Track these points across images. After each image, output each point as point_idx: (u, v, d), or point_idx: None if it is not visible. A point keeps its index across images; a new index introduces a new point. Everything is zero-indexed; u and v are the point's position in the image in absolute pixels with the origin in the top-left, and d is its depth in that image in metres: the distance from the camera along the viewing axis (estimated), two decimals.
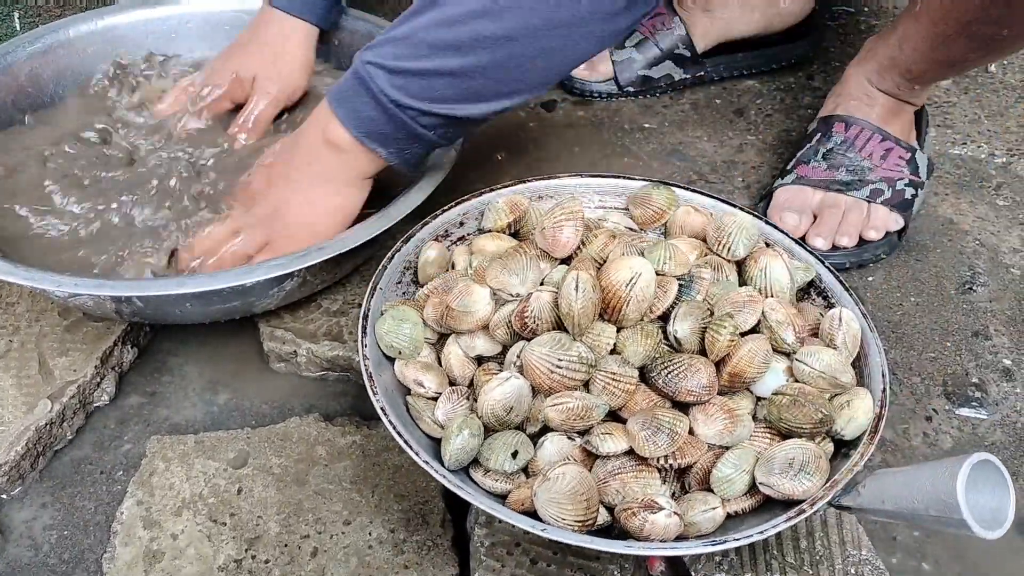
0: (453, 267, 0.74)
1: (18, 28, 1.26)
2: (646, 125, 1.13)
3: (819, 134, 0.97)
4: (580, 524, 0.58)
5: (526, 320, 0.64)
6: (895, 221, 0.93)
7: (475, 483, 0.63)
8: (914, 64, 0.90)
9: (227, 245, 0.79)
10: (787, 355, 0.66)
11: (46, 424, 0.74)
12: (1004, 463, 0.77)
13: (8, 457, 0.72)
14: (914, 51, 0.89)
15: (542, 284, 0.68)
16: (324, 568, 0.67)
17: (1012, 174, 1.07)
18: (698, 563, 0.66)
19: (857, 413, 0.63)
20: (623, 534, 0.60)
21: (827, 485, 0.59)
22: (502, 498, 0.62)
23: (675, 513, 0.57)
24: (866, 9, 1.33)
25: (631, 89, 1.16)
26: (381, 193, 0.81)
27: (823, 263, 0.74)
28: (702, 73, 1.18)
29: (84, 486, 0.74)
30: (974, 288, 0.93)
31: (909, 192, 0.93)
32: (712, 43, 1.16)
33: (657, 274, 0.66)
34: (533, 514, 0.59)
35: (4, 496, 0.73)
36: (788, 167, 0.98)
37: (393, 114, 0.71)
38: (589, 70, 1.16)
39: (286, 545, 0.69)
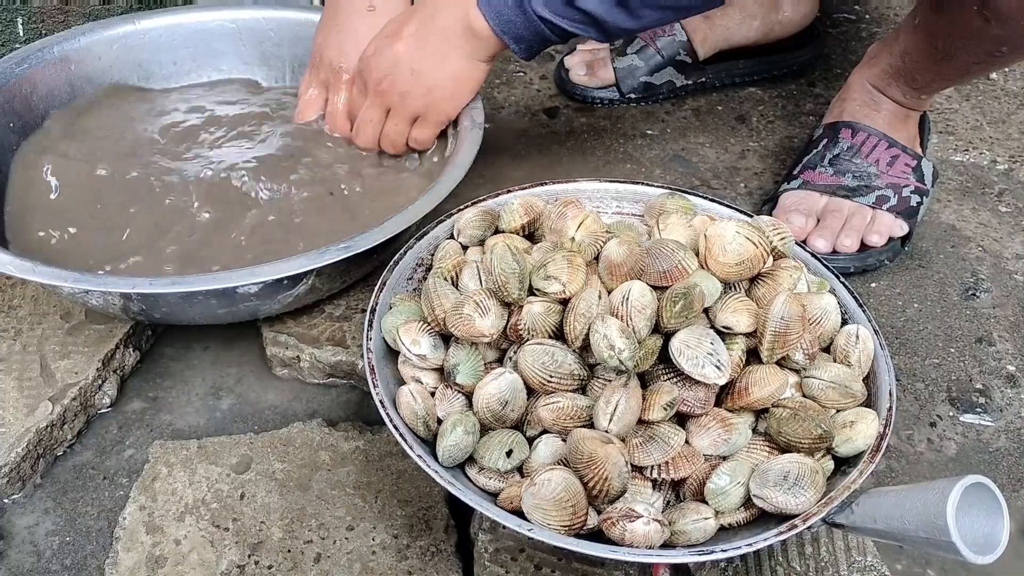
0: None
1: (21, 34, 1.26)
2: (648, 131, 1.13)
3: (825, 139, 0.97)
4: (566, 529, 0.58)
5: (521, 332, 0.64)
6: (899, 227, 0.92)
7: (470, 480, 0.63)
8: (918, 74, 0.90)
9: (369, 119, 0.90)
10: (796, 371, 0.66)
11: (47, 426, 0.74)
12: (1009, 469, 0.77)
13: (8, 459, 0.71)
14: (916, 63, 0.89)
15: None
16: (327, 573, 0.67)
17: (1014, 180, 1.07)
18: (703, 570, 0.66)
19: (856, 436, 0.62)
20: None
21: (822, 501, 0.58)
22: (495, 496, 0.62)
23: (655, 520, 0.56)
24: (867, 16, 1.33)
25: (633, 96, 1.16)
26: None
27: (839, 278, 0.72)
28: (704, 80, 1.18)
29: (86, 491, 0.74)
30: (977, 294, 0.93)
31: (915, 199, 0.93)
32: (712, 50, 1.16)
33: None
34: (523, 513, 0.59)
35: (6, 501, 0.73)
36: (794, 172, 0.97)
37: (534, 25, 0.79)
38: (590, 76, 1.16)
39: (289, 551, 0.68)
